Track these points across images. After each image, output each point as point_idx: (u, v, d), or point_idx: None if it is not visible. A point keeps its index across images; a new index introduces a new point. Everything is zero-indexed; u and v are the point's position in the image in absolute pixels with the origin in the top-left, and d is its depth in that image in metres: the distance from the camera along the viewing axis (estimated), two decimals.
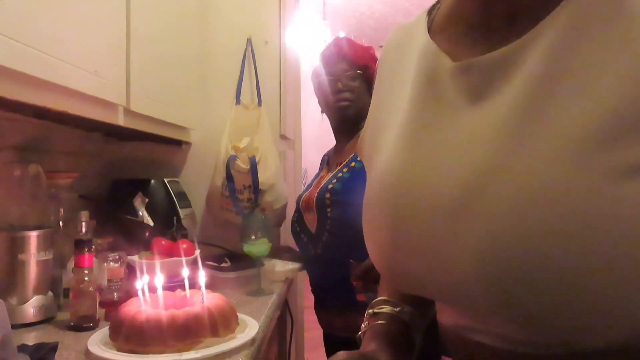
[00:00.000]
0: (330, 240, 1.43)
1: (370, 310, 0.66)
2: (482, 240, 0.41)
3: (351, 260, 1.36)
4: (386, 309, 0.64)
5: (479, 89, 0.46)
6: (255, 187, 1.67)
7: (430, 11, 0.57)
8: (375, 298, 0.68)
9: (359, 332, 0.65)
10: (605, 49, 0.39)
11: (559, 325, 0.41)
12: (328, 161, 1.65)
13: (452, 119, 0.48)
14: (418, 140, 0.51)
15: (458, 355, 0.54)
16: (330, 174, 1.51)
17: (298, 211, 1.57)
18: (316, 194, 1.47)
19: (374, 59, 1.57)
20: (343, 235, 1.40)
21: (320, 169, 1.69)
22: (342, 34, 1.70)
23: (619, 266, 0.37)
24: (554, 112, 0.40)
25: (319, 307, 1.54)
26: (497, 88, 0.45)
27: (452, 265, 0.44)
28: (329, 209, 1.42)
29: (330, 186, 1.45)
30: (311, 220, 1.49)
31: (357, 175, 1.43)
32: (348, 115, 1.53)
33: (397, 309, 0.64)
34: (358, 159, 1.47)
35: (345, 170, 1.47)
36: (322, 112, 1.61)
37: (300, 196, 1.59)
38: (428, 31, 0.55)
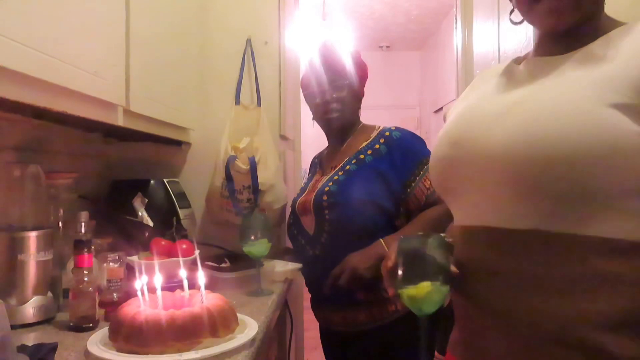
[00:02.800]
0: (329, 241, 1.43)
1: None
2: (505, 135, 0.70)
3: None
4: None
5: (535, 73, 0.77)
6: (254, 188, 1.67)
7: (514, 61, 0.87)
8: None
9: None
10: (608, 60, 0.69)
11: (546, 192, 0.66)
12: (321, 164, 1.66)
13: (511, 89, 0.79)
14: (483, 98, 0.83)
15: (463, 250, 0.77)
16: (326, 177, 1.52)
17: (294, 214, 1.58)
18: (313, 197, 1.48)
19: (360, 65, 1.59)
20: (341, 235, 1.41)
21: (313, 172, 1.70)
22: (322, 43, 1.65)
23: (592, 161, 0.63)
24: (570, 78, 0.71)
25: (317, 304, 1.54)
26: (546, 71, 0.76)
27: (486, 152, 0.72)
28: (326, 211, 1.43)
29: (326, 189, 1.46)
30: (309, 223, 1.49)
31: (353, 177, 1.44)
32: (337, 125, 1.56)
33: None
34: (353, 161, 1.48)
35: (340, 173, 1.48)
36: (313, 119, 1.63)
37: (295, 200, 1.60)
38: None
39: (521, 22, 0.83)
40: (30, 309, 1.08)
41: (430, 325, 0.87)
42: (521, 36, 2.05)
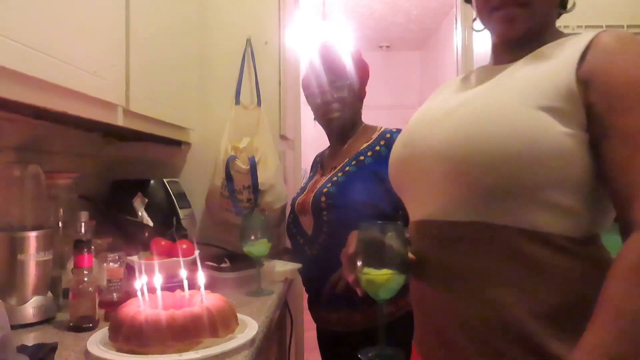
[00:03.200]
0: (327, 241, 1.43)
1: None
2: (444, 134, 0.77)
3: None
4: None
5: (482, 78, 0.86)
6: (254, 188, 1.67)
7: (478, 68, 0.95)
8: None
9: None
10: (541, 67, 0.77)
11: (480, 186, 0.72)
12: (322, 164, 1.66)
13: (462, 91, 0.88)
14: (438, 100, 0.92)
15: (416, 243, 0.83)
16: (325, 178, 1.52)
17: (293, 213, 1.58)
18: (312, 197, 1.48)
19: (361, 65, 1.58)
20: (339, 237, 1.40)
21: (314, 171, 1.70)
22: (322, 43, 1.65)
23: (510, 158, 0.70)
24: (506, 83, 0.78)
25: (313, 304, 1.54)
26: (490, 77, 0.83)
27: (429, 150, 0.79)
28: (324, 212, 1.43)
29: (325, 190, 1.46)
30: (307, 223, 1.49)
31: (352, 178, 1.45)
32: (338, 125, 1.56)
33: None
34: (353, 163, 1.48)
35: (340, 174, 1.48)
36: (314, 119, 1.63)
37: (294, 199, 1.60)
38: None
39: (482, 29, 0.91)
40: (30, 309, 1.08)
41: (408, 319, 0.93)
42: None
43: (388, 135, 1.49)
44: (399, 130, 1.50)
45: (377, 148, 1.48)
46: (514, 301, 0.71)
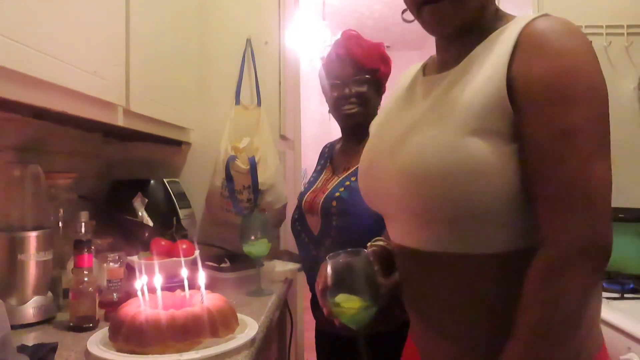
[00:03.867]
0: (333, 246, 1.41)
1: (368, 244, 1.04)
2: (402, 165, 0.76)
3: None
4: (380, 242, 1.03)
5: (426, 94, 0.83)
6: (254, 188, 1.67)
7: (425, 64, 0.94)
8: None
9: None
10: (473, 80, 0.73)
11: (433, 218, 0.74)
12: (332, 159, 1.58)
13: (410, 107, 0.86)
14: (391, 117, 0.91)
15: (397, 263, 0.88)
16: (337, 179, 1.46)
17: (299, 210, 1.55)
18: (322, 199, 1.43)
19: (383, 59, 1.50)
20: (346, 242, 1.38)
21: (323, 165, 1.61)
22: (344, 32, 1.57)
23: (458, 194, 0.69)
24: (443, 108, 0.76)
25: (317, 305, 1.53)
26: (431, 94, 0.81)
27: (386, 184, 0.80)
28: (334, 217, 1.39)
29: (337, 194, 1.40)
30: (314, 223, 1.46)
31: None
32: (356, 122, 1.46)
33: (386, 243, 1.00)
34: None
35: (353, 178, 1.42)
36: (329, 112, 1.53)
37: (302, 194, 1.55)
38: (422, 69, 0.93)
39: (412, 21, 0.86)
40: (30, 309, 1.08)
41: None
42: None
43: None
44: None
45: None
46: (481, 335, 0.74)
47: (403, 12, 0.88)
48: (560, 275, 0.64)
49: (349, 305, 0.78)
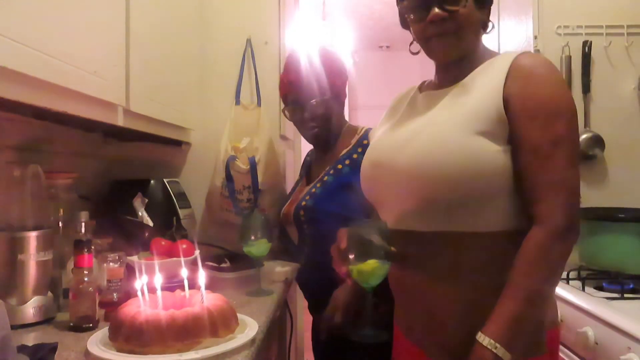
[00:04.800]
0: (311, 253, 1.42)
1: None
2: (407, 160, 0.93)
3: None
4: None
5: (429, 104, 1.00)
6: (254, 188, 1.67)
7: (420, 86, 1.12)
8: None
9: None
10: (475, 94, 0.92)
11: (437, 202, 0.90)
12: (309, 169, 1.61)
13: (413, 116, 1.02)
14: (394, 125, 1.06)
15: (396, 245, 0.96)
16: (307, 189, 1.49)
17: (281, 223, 1.56)
18: (293, 209, 1.45)
19: (337, 72, 1.49)
20: (321, 248, 1.38)
21: (301, 175, 1.65)
22: (290, 56, 1.56)
23: (462, 180, 0.87)
24: (448, 114, 0.94)
25: (312, 309, 1.53)
26: (435, 104, 0.98)
27: (395, 174, 0.95)
28: (305, 226, 1.41)
29: (304, 203, 1.43)
30: (293, 233, 1.48)
31: (329, 190, 1.41)
32: (319, 139, 1.51)
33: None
34: (331, 172, 1.44)
35: (318, 185, 1.44)
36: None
37: (282, 207, 1.57)
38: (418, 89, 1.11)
39: (418, 51, 1.04)
40: (30, 309, 1.08)
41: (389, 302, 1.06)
42: (521, 36, 2.05)
43: (365, 142, 1.41)
44: None
45: (355, 156, 1.42)
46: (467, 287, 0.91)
47: (410, 44, 1.06)
48: (552, 246, 0.84)
49: (368, 264, 0.92)
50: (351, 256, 0.94)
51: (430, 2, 0.94)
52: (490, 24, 1.03)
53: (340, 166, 1.43)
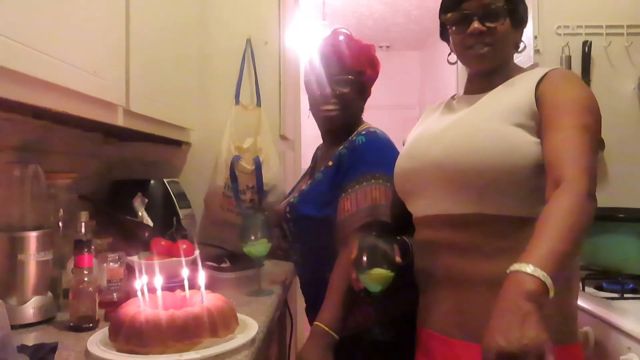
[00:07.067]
0: (302, 250, 1.41)
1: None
2: (444, 147, 1.03)
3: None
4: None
5: (465, 105, 1.11)
6: (259, 188, 1.67)
7: (452, 97, 1.22)
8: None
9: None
10: (510, 95, 1.04)
11: (471, 186, 0.99)
12: (316, 163, 1.53)
13: (449, 115, 1.14)
14: (430, 123, 1.17)
15: (426, 232, 1.09)
16: (302, 184, 1.47)
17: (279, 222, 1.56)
18: (284, 206, 1.43)
19: (371, 63, 1.43)
20: (307, 246, 1.38)
21: (306, 171, 1.58)
22: (335, 30, 1.47)
23: (497, 163, 0.96)
24: (486, 107, 1.05)
25: (309, 308, 1.51)
26: (471, 104, 1.09)
27: (430, 162, 1.04)
28: (291, 224, 1.39)
29: (291, 199, 1.40)
30: (287, 229, 1.48)
31: (315, 189, 1.36)
32: (334, 124, 1.39)
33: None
34: (322, 169, 1.37)
35: (309, 182, 1.41)
36: (309, 109, 1.45)
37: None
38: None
39: (455, 62, 1.15)
40: (30, 309, 1.08)
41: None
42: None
43: (354, 138, 1.33)
44: (367, 133, 1.32)
45: (343, 151, 1.32)
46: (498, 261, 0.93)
47: (448, 55, 1.19)
48: (583, 202, 0.85)
49: (375, 272, 1.05)
50: (360, 264, 1.05)
51: (471, 17, 1.05)
52: (522, 44, 1.12)
53: (330, 163, 1.34)
